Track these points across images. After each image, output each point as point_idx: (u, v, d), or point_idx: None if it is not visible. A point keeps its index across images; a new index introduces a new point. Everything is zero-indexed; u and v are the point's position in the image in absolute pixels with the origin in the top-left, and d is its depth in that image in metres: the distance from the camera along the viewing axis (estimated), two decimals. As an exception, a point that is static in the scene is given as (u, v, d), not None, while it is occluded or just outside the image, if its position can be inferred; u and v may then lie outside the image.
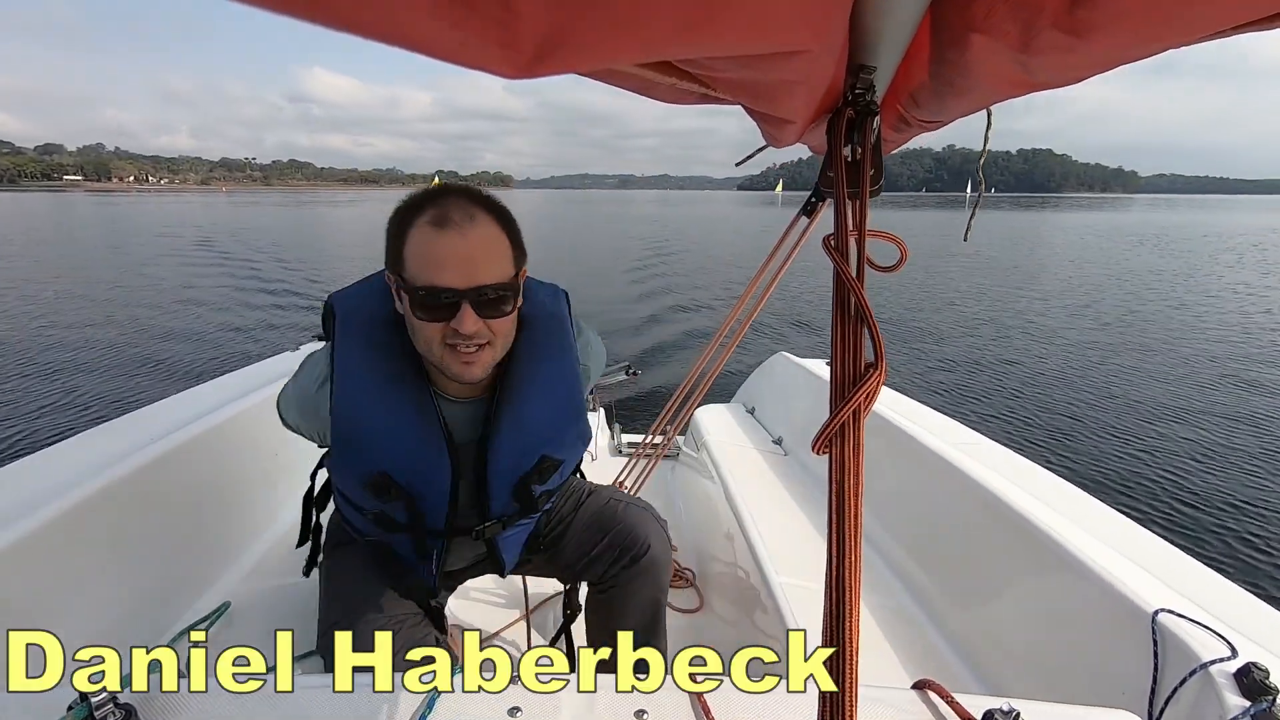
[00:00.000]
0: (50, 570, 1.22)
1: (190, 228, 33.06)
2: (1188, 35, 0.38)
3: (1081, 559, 1.34)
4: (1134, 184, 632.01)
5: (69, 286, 12.08)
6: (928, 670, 1.48)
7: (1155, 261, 21.54)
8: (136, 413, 1.81)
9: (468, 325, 0.94)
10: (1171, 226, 45.98)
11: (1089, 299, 13.85)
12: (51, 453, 1.52)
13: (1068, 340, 10.02)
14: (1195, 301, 13.51)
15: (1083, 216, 65.97)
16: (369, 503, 1.12)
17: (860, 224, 0.52)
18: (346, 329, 1.06)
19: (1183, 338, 10.20)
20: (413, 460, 1.08)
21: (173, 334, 7.99)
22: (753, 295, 1.69)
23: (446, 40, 0.25)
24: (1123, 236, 34.48)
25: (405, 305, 0.98)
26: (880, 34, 0.49)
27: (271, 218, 45.45)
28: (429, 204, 0.95)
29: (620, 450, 2.96)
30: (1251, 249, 26.82)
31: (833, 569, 0.47)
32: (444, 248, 0.92)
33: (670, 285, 14.02)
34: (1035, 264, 20.96)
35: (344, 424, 1.05)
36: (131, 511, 1.42)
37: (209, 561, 1.63)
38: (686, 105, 0.61)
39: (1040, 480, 1.76)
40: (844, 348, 0.48)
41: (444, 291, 0.93)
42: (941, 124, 0.70)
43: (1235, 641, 1.08)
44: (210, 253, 19.52)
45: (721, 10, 0.31)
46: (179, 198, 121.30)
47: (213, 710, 0.80)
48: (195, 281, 13.31)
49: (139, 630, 1.38)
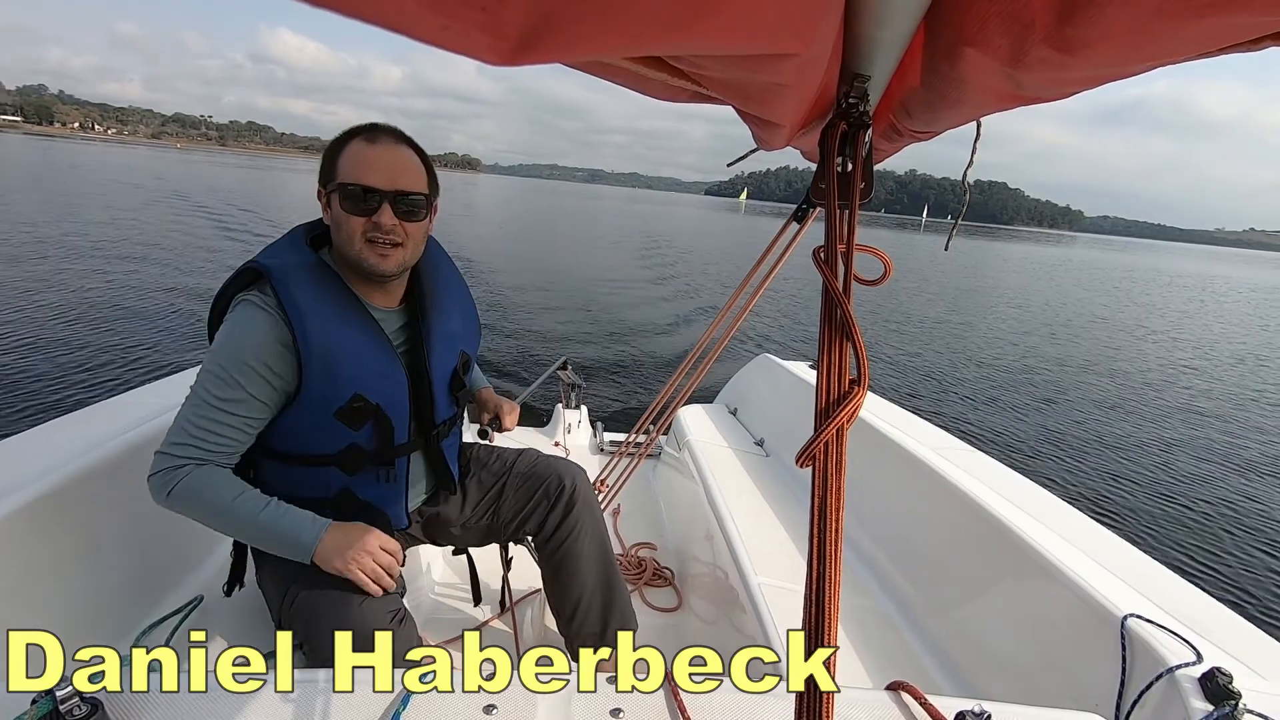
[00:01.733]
0: (17, 560, 1.19)
1: (151, 178, 31.55)
2: (1173, 55, 0.38)
3: (1055, 564, 1.36)
4: (1080, 223, 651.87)
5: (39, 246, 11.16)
6: (902, 672, 1.49)
7: (1103, 294, 22.56)
8: (109, 401, 1.78)
9: (386, 219, 1.12)
10: (1113, 265, 47.82)
11: (1044, 319, 14.30)
12: (21, 439, 1.48)
13: (1034, 354, 10.24)
14: (1139, 329, 14.12)
15: (1032, 249, 68.53)
16: (338, 440, 1.19)
17: (849, 238, 0.52)
18: (285, 276, 1.13)
19: (1141, 361, 10.55)
20: (377, 376, 1.19)
21: (160, 314, 7.77)
22: (740, 299, 1.70)
23: (430, 23, 0.25)
24: (1072, 270, 35.63)
25: (335, 205, 1.13)
26: (875, 43, 0.50)
27: (239, 179, 43.78)
28: (364, 131, 1.14)
29: (602, 449, 2.96)
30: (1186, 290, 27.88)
31: (813, 579, 0.47)
32: (373, 156, 1.12)
33: (654, 282, 14.03)
34: (1000, 286, 21.53)
35: (319, 355, 1.12)
36: (102, 502, 1.39)
37: (181, 555, 1.60)
38: (679, 103, 0.61)
39: (1018, 486, 1.79)
40: (830, 363, 0.49)
41: (370, 190, 1.11)
42: (933, 134, 0.71)
43: (1200, 647, 1.10)
44: (204, 220, 18.21)
45: (710, 8, 0.31)
46: (129, 150, 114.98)
47: (179, 706, 0.79)
48: (178, 256, 12.53)
49: (108, 624, 1.35)
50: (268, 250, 1.19)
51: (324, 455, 1.21)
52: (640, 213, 58.36)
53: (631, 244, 24.15)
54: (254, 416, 1.14)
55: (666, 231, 33.63)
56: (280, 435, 1.19)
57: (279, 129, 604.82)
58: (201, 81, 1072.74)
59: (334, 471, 1.22)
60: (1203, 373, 9.99)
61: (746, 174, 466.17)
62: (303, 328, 1.11)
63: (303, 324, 1.11)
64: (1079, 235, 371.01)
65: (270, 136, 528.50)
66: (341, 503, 1.25)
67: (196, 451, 1.11)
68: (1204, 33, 0.35)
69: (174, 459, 1.11)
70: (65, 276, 8.96)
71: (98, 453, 1.42)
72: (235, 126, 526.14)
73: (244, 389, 1.11)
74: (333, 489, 1.24)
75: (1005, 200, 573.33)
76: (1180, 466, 5.66)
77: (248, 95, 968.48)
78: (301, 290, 1.13)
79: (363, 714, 0.80)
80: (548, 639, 1.72)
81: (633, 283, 13.83)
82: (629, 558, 2.15)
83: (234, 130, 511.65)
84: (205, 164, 73.57)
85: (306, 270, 1.15)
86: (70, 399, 4.84)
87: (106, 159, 58.59)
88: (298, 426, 1.18)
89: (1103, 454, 5.81)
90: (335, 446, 1.20)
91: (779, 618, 1.51)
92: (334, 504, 1.24)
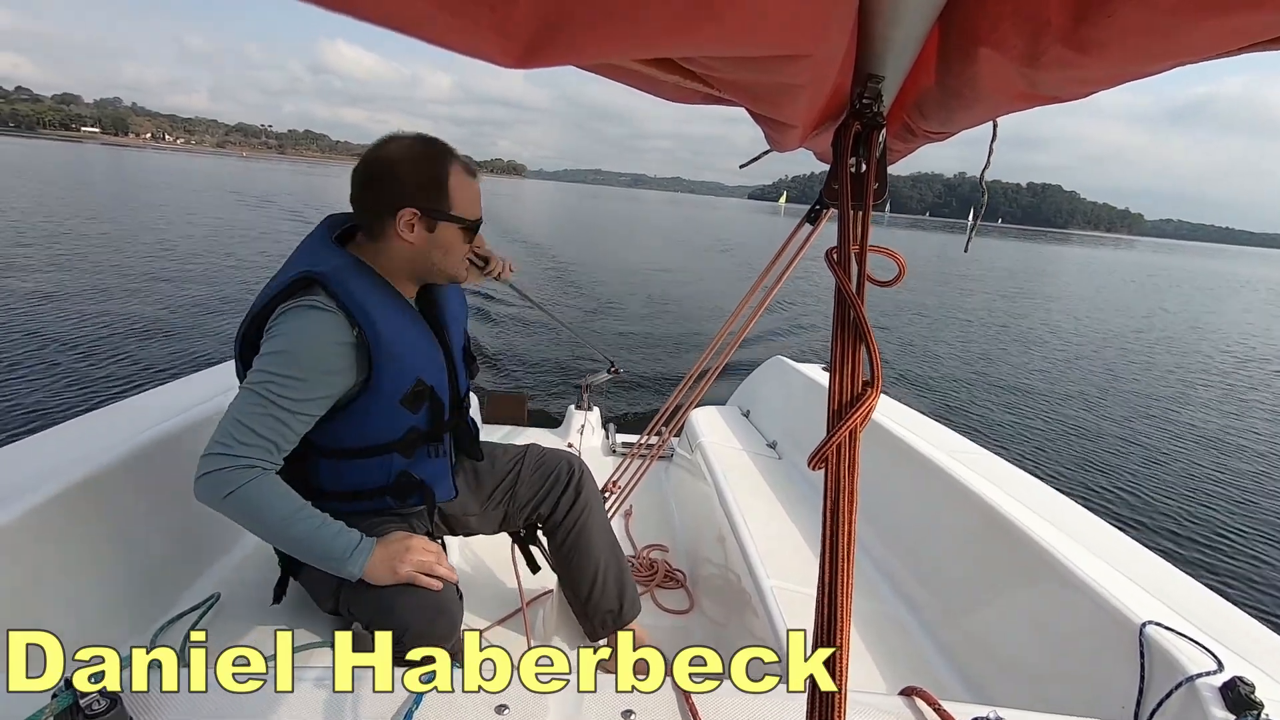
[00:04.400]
0: (37, 558, 1.21)
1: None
2: (1191, 54, 0.38)
3: (1072, 570, 1.35)
4: (1139, 226, 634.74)
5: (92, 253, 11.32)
6: (916, 677, 1.48)
7: (1155, 298, 22.10)
8: (131, 399, 1.81)
9: (479, 244, 1.40)
10: (1172, 268, 47.00)
11: (1088, 324, 14.09)
12: (42, 438, 1.51)
13: (1066, 360, 10.11)
14: (1188, 333, 13.86)
15: (1090, 252, 67.22)
16: (400, 425, 1.29)
17: (863, 239, 0.52)
18: (341, 279, 1.20)
19: (1181, 366, 10.37)
20: (428, 359, 1.32)
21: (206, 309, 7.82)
22: (753, 300, 1.70)
23: (442, 25, 0.25)
24: (1127, 273, 35.15)
25: (443, 234, 1.25)
26: (889, 43, 0.50)
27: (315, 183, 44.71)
28: (451, 155, 1.24)
29: (614, 450, 2.96)
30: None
31: (825, 581, 0.47)
32: (475, 193, 1.28)
33: (673, 283, 14.02)
34: (1039, 290, 21.29)
35: (388, 347, 1.21)
36: (121, 500, 1.41)
37: (199, 552, 1.62)
38: (691, 105, 0.61)
39: (1033, 491, 1.76)
40: (843, 364, 0.49)
41: (478, 223, 1.30)
42: (947, 135, 0.70)
43: (1221, 655, 1.08)
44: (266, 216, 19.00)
45: (720, 9, 0.31)
46: (202, 159, 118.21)
47: (197, 703, 0.80)
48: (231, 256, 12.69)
49: (126, 621, 1.37)
50: (301, 257, 1.23)
51: (388, 443, 1.30)
52: (679, 215, 58.38)
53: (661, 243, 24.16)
54: (314, 416, 1.19)
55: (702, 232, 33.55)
56: (343, 431, 1.26)
57: (334, 137, 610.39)
58: (262, 92, 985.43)
59: (395, 456, 1.32)
60: (1239, 377, 9.79)
61: (790, 178, 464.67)
62: (370, 323, 1.18)
63: (369, 320, 1.18)
64: (1138, 239, 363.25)
65: (325, 144, 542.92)
66: (401, 485, 1.34)
67: (263, 454, 1.13)
68: (1220, 32, 0.35)
69: (236, 460, 1.11)
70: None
71: (119, 449, 1.44)
72: (294, 135, 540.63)
73: (314, 390, 1.16)
74: (393, 473, 1.33)
75: (1060, 203, 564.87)
76: (1204, 473, 5.56)
77: (306, 105, 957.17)
78: (358, 289, 1.20)
79: (363, 714, 0.81)
80: (561, 634, 1.73)
81: (657, 282, 13.84)
82: (641, 559, 2.15)
83: (292, 139, 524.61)
84: (273, 171, 75.39)
85: (351, 271, 1.22)
86: (74, 408, 4.92)
87: (190, 167, 59.80)
88: (365, 418, 1.26)
89: (1126, 460, 5.73)
90: (398, 432, 1.30)
91: (791, 621, 1.51)
92: (394, 489, 1.34)
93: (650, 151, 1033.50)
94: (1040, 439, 6.10)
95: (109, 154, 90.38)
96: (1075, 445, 6.00)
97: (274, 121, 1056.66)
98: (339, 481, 1.31)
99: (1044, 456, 5.64)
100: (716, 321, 1.83)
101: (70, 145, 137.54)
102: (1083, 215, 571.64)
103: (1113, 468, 5.51)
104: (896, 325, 11.50)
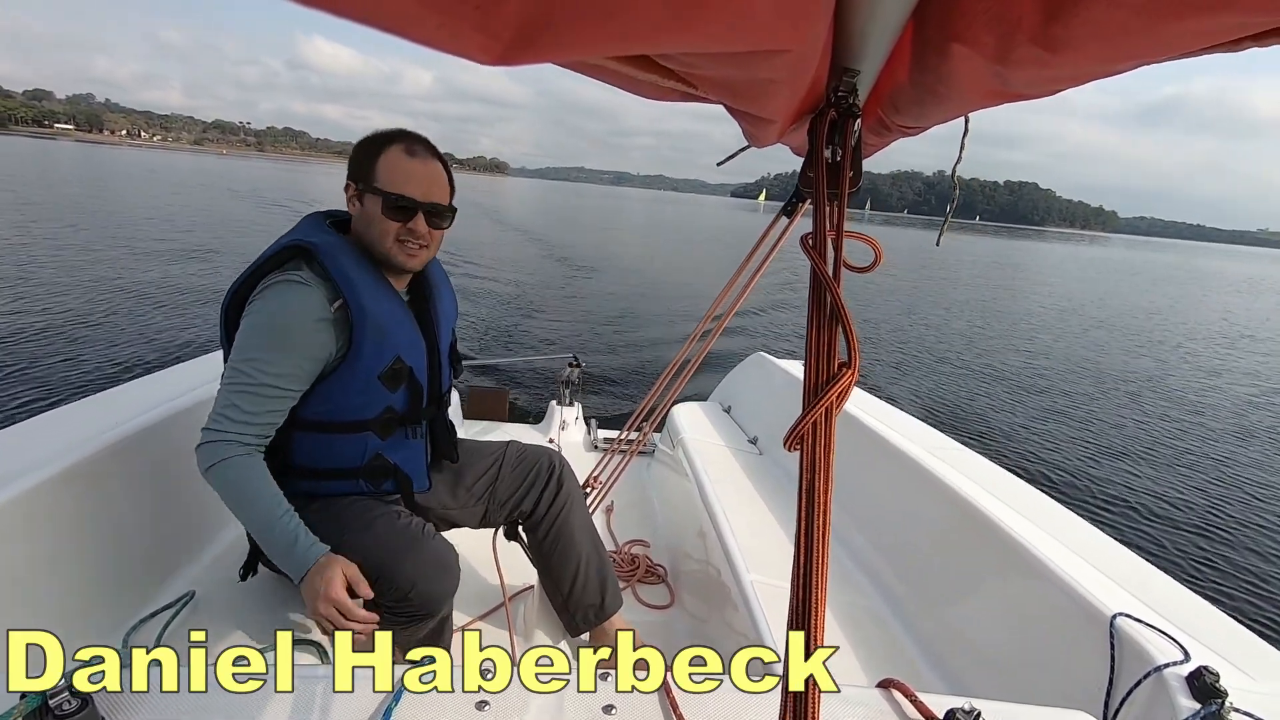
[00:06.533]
0: (6, 554, 1.19)
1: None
2: (1156, 54, 0.38)
3: (1045, 563, 1.37)
4: (1113, 224, 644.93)
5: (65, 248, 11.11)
6: (893, 669, 1.50)
7: (1128, 294, 22.64)
8: (104, 393, 1.77)
9: (420, 228, 1.27)
10: (1146, 263, 48.02)
11: (1063, 319, 14.32)
12: (18, 430, 1.47)
13: (1041, 354, 10.26)
14: (1158, 327, 14.14)
15: (1057, 248, 68.60)
16: (377, 402, 1.30)
17: (839, 225, 0.52)
18: (330, 251, 1.24)
19: (1151, 359, 10.57)
20: (409, 342, 1.33)
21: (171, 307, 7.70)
22: (731, 293, 1.70)
23: (423, 22, 0.25)
24: (1103, 269, 35.92)
25: (369, 207, 1.25)
26: (865, 37, 0.50)
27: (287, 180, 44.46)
28: (399, 138, 1.25)
29: (595, 445, 2.96)
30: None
31: (800, 565, 0.47)
32: (411, 169, 1.24)
33: (652, 278, 14.02)
34: (1015, 286, 21.60)
35: (371, 319, 1.24)
36: (94, 496, 1.38)
37: (173, 549, 1.59)
38: (669, 103, 0.61)
39: (1008, 486, 1.79)
40: (819, 346, 0.49)
41: (408, 200, 1.24)
42: (921, 129, 0.71)
43: (1188, 646, 1.11)
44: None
45: (702, 5, 0.31)
46: (181, 156, 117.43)
47: (169, 702, 0.79)
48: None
49: (98, 618, 1.34)
50: (294, 234, 1.28)
51: (363, 420, 1.31)
52: (661, 214, 58.54)
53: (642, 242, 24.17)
54: (297, 391, 1.23)
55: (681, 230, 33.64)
56: (320, 404, 1.27)
57: (313, 134, 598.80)
58: (239, 87, 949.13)
59: (370, 436, 1.32)
60: (1207, 371, 10.02)
61: (773, 175, 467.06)
62: (354, 294, 1.22)
63: (354, 291, 1.22)
64: (1112, 236, 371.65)
65: (305, 142, 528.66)
66: (374, 467, 1.35)
67: (247, 430, 1.19)
68: (1187, 33, 0.35)
69: (224, 434, 1.18)
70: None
71: (92, 444, 1.41)
72: (272, 132, 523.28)
73: (294, 363, 1.20)
74: (367, 454, 1.33)
75: (1036, 200, 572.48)
76: (1171, 467, 5.69)
77: (284, 101, 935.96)
78: (347, 264, 1.24)
79: (363, 713, 0.80)
80: (542, 629, 1.73)
81: (636, 279, 13.82)
82: (622, 554, 2.15)
83: (271, 136, 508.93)
84: (254, 169, 74.54)
85: (342, 248, 1.26)
86: (66, 393, 4.81)
87: (173, 163, 58.76)
88: (343, 391, 1.27)
89: (1097, 454, 5.84)
90: (375, 410, 1.31)
91: (771, 615, 1.52)
92: (367, 471, 1.34)
93: (632, 149, 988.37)
94: (1017, 433, 6.19)
95: (83, 150, 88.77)
96: (1050, 439, 6.10)
97: (251, 118, 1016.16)
98: (313, 458, 1.31)
99: (1017, 449, 5.74)
100: (697, 319, 1.83)
101: (45, 141, 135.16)
102: (1058, 212, 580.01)
103: (1086, 461, 5.61)
104: (875, 317, 11.61)
